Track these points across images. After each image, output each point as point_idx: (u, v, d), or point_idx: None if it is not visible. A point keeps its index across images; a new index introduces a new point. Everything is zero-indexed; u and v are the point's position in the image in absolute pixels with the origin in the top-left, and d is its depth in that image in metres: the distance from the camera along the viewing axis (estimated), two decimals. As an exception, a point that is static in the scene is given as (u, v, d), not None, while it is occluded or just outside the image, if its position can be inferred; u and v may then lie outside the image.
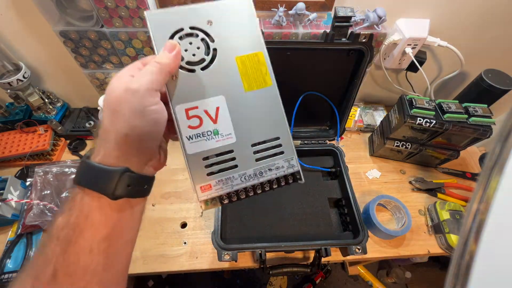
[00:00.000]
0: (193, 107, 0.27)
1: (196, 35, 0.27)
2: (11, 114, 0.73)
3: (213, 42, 0.27)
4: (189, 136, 0.27)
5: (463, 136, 0.62)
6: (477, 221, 0.14)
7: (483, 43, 0.70)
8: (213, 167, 0.28)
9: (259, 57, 0.28)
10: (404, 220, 0.60)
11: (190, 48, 0.26)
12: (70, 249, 0.22)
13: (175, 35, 0.26)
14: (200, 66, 0.27)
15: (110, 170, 0.23)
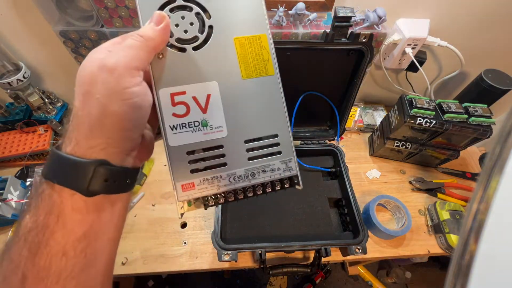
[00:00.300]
0: (180, 92, 0.23)
1: (190, 9, 0.23)
2: (11, 114, 0.72)
3: (210, 18, 0.23)
4: (172, 126, 0.23)
5: (463, 136, 0.62)
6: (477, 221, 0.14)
7: (483, 43, 0.70)
8: (198, 164, 0.24)
9: (262, 40, 0.25)
10: (404, 220, 0.60)
11: (182, 24, 0.23)
12: (40, 253, 0.19)
13: (165, 6, 0.22)
14: (192, 45, 0.23)
15: (83, 162, 0.19)
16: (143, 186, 0.68)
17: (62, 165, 0.20)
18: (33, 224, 0.20)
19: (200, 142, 0.24)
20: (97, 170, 0.19)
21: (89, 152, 0.20)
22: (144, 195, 0.67)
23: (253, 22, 0.24)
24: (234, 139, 0.24)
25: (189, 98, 0.23)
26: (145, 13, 0.22)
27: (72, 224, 0.20)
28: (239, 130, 0.24)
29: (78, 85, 0.20)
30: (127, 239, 0.60)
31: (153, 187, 0.68)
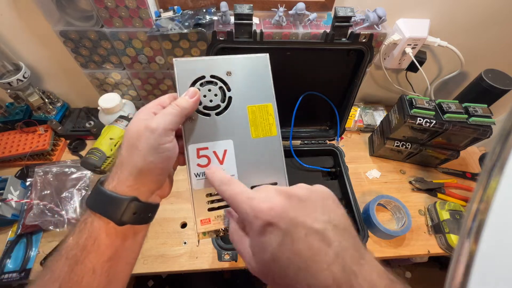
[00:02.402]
0: (204, 148, 0.29)
1: (215, 83, 0.30)
2: (11, 114, 0.73)
3: (230, 91, 0.30)
4: (196, 173, 0.29)
5: (463, 136, 0.62)
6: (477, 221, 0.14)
7: (483, 43, 0.70)
8: (214, 203, 0.30)
9: (269, 108, 0.32)
10: (404, 220, 0.60)
11: (209, 95, 0.29)
12: (76, 269, 0.24)
13: (197, 81, 0.29)
14: (215, 111, 0.30)
15: (119, 198, 0.25)
16: (143, 186, 0.68)
17: (104, 199, 0.25)
18: (75, 245, 0.24)
19: None
20: (129, 205, 0.25)
21: (125, 190, 0.25)
22: (144, 195, 0.67)
23: (263, 94, 0.31)
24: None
25: (211, 152, 0.29)
26: (182, 86, 0.29)
27: (104, 247, 0.25)
28: (247, 178, 0.30)
29: (126, 138, 0.26)
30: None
31: (153, 187, 0.68)
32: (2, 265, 0.55)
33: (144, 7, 0.52)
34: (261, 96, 0.31)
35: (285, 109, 0.62)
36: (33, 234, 0.59)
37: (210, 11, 0.56)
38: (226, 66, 0.30)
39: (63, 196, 0.62)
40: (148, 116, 0.26)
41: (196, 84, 0.29)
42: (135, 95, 0.73)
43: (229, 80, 0.30)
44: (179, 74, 0.29)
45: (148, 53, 0.61)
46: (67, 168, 0.66)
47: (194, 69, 0.29)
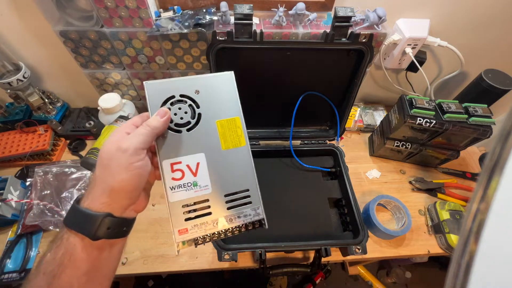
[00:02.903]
0: (177, 162, 0.31)
1: (185, 102, 0.31)
2: (11, 114, 0.73)
3: (199, 108, 0.32)
4: (172, 187, 0.31)
5: (463, 136, 0.62)
6: (477, 221, 0.14)
7: (483, 43, 0.70)
8: (191, 213, 0.31)
9: (236, 121, 0.33)
10: (404, 220, 0.60)
11: (179, 113, 0.31)
12: (54, 284, 0.25)
13: (167, 101, 0.31)
14: (186, 128, 0.32)
15: (93, 214, 0.26)
16: (143, 186, 0.68)
17: (79, 216, 0.26)
18: (52, 261, 0.26)
19: (192, 198, 0.31)
20: (103, 221, 0.26)
21: (99, 207, 0.27)
22: (144, 195, 0.67)
23: (230, 109, 0.33)
24: (217, 194, 0.32)
25: (184, 166, 0.31)
26: (153, 107, 0.31)
27: (80, 262, 0.26)
28: (220, 187, 0.32)
29: (99, 158, 0.27)
30: (127, 239, 0.60)
31: (153, 187, 0.68)
32: (2, 265, 0.55)
33: (144, 7, 0.52)
34: (229, 111, 0.33)
35: (285, 109, 0.62)
36: (33, 234, 0.59)
37: (210, 11, 0.56)
38: (194, 85, 0.32)
39: (63, 196, 0.62)
40: (121, 136, 0.28)
41: (166, 103, 0.31)
42: (135, 95, 0.73)
43: (198, 98, 0.32)
44: (150, 95, 0.30)
45: (148, 53, 0.61)
46: (67, 168, 0.66)
47: (164, 90, 0.31)
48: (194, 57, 0.62)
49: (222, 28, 0.55)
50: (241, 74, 0.56)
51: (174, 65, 0.64)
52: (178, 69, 0.65)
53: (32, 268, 0.56)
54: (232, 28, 0.49)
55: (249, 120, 0.67)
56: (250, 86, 0.59)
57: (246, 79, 0.58)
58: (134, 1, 0.51)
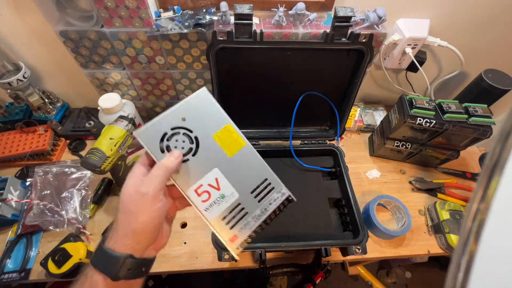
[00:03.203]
0: (199, 186, 0.33)
1: (178, 133, 0.33)
2: (11, 114, 0.73)
3: (192, 132, 0.33)
4: (205, 208, 0.33)
5: (463, 136, 0.62)
6: (477, 221, 0.14)
7: (483, 43, 0.70)
8: (232, 221, 0.34)
9: (229, 128, 0.35)
10: (404, 220, 0.60)
11: (178, 144, 0.33)
12: None
13: (163, 139, 0.32)
14: (191, 154, 0.33)
15: (116, 256, 0.28)
16: (143, 186, 0.68)
17: (103, 256, 0.28)
18: None
19: (226, 208, 0.34)
20: (124, 262, 0.28)
21: (122, 249, 0.28)
22: (144, 195, 0.67)
23: (218, 120, 0.35)
24: (244, 195, 0.35)
25: (206, 186, 0.33)
26: (153, 149, 0.32)
27: None
28: (244, 188, 0.35)
29: (121, 201, 0.29)
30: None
31: (153, 187, 0.68)
32: (2, 265, 0.55)
33: (144, 7, 0.52)
34: (219, 122, 0.35)
35: (285, 109, 0.62)
36: (33, 234, 0.59)
37: (210, 11, 0.56)
38: (179, 115, 0.33)
39: (63, 196, 0.62)
40: (138, 180, 0.30)
41: (163, 141, 0.32)
42: (135, 95, 0.73)
43: (187, 123, 0.33)
44: (145, 142, 0.32)
45: (148, 53, 0.61)
46: (67, 168, 0.66)
47: (155, 131, 0.32)
48: (194, 57, 0.62)
49: (222, 28, 0.55)
50: (241, 74, 0.57)
51: (174, 65, 0.64)
52: (178, 69, 0.65)
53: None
54: (232, 28, 0.49)
55: (249, 120, 0.68)
56: (250, 86, 0.59)
57: (246, 79, 0.58)
58: (134, 1, 0.51)
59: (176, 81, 0.69)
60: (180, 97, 0.74)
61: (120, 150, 0.57)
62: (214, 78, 0.53)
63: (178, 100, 0.75)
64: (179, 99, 0.75)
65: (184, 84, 0.70)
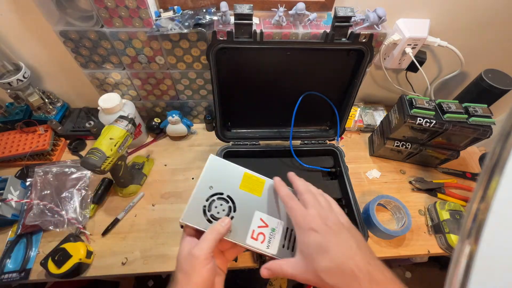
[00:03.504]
0: (252, 232, 0.37)
1: (213, 200, 0.38)
2: (11, 114, 0.73)
3: (223, 194, 0.39)
4: (266, 247, 0.37)
5: (463, 136, 0.62)
6: (477, 221, 0.14)
7: (483, 43, 0.70)
8: (290, 245, 0.38)
9: (247, 175, 0.41)
10: (404, 220, 0.60)
11: (219, 209, 0.38)
12: None
13: (205, 212, 0.37)
14: (232, 211, 0.38)
15: None
16: (143, 186, 0.68)
17: None
18: None
19: (281, 237, 0.38)
20: None
21: None
22: (144, 195, 0.67)
23: (237, 173, 0.41)
24: (286, 218, 0.40)
25: (257, 229, 0.38)
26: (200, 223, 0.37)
27: None
28: (283, 214, 0.40)
29: (178, 263, 0.33)
30: (127, 239, 0.60)
31: (153, 187, 0.69)
32: (2, 265, 0.55)
33: (144, 7, 0.52)
34: (237, 175, 0.41)
35: (285, 109, 0.62)
36: (33, 234, 0.59)
37: (210, 11, 0.56)
38: (204, 186, 0.39)
39: (63, 196, 0.62)
40: (191, 243, 0.34)
41: (206, 214, 0.37)
42: (135, 95, 0.73)
43: (215, 189, 0.39)
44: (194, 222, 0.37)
45: (148, 53, 0.61)
46: (67, 168, 0.66)
47: (195, 210, 0.38)
48: (194, 57, 0.62)
49: (222, 28, 0.55)
50: (241, 74, 0.57)
51: (174, 65, 0.64)
52: (178, 69, 0.65)
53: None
54: (232, 28, 0.49)
55: (249, 120, 0.68)
56: (250, 86, 0.59)
57: (246, 79, 0.58)
58: (134, 1, 0.51)
59: (176, 81, 0.69)
60: (180, 97, 0.74)
61: (120, 150, 0.57)
62: (214, 78, 0.53)
63: (178, 100, 0.75)
64: (179, 99, 0.75)
65: (184, 84, 0.70)
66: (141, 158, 0.72)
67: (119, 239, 0.60)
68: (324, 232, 0.31)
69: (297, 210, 0.34)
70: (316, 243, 0.30)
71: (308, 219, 0.32)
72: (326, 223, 0.32)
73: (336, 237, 0.31)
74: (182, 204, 0.66)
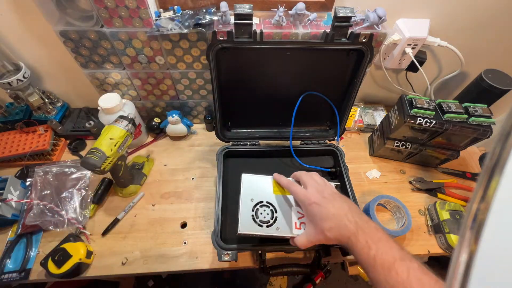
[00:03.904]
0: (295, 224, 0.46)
1: (257, 210, 0.46)
2: (11, 114, 0.73)
3: (263, 201, 0.47)
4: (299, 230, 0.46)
5: (463, 136, 0.62)
6: (477, 221, 0.14)
7: (483, 43, 0.70)
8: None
9: (274, 181, 0.51)
10: (404, 220, 0.60)
11: (264, 214, 0.46)
12: None
13: (255, 220, 0.46)
14: (275, 213, 0.47)
15: None
16: (143, 186, 0.68)
17: None
18: None
19: None
20: None
21: None
22: (144, 195, 0.67)
23: (266, 184, 0.50)
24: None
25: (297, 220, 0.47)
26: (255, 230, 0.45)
27: None
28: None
29: None
30: (127, 239, 0.60)
31: (153, 187, 0.69)
32: (2, 265, 0.55)
33: (144, 7, 0.52)
34: (267, 183, 0.50)
35: (285, 109, 0.62)
36: (33, 234, 0.59)
37: (210, 11, 0.56)
38: (247, 200, 0.47)
39: (63, 196, 0.62)
40: None
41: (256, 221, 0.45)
42: (135, 95, 0.73)
43: (256, 200, 0.48)
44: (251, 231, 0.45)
45: (148, 53, 0.61)
46: (67, 168, 0.66)
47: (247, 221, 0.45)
48: (194, 57, 0.62)
49: (222, 28, 0.55)
50: (241, 74, 0.57)
51: (174, 65, 0.64)
52: (178, 69, 0.65)
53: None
54: (232, 28, 0.49)
55: (249, 120, 0.68)
56: (250, 86, 0.59)
57: (246, 79, 0.58)
58: (134, 1, 0.51)
59: (176, 81, 0.69)
60: (180, 97, 0.74)
61: (120, 150, 0.57)
62: (214, 78, 0.53)
63: (178, 100, 0.75)
64: (179, 99, 0.75)
65: (184, 84, 0.70)
66: (141, 158, 0.72)
67: (119, 239, 0.60)
68: (323, 202, 0.41)
69: (299, 191, 0.44)
70: (319, 212, 0.40)
71: (308, 196, 0.42)
72: (323, 196, 0.42)
73: (332, 204, 0.41)
74: (182, 204, 0.66)
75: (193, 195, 0.67)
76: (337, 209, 0.40)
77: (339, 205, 0.41)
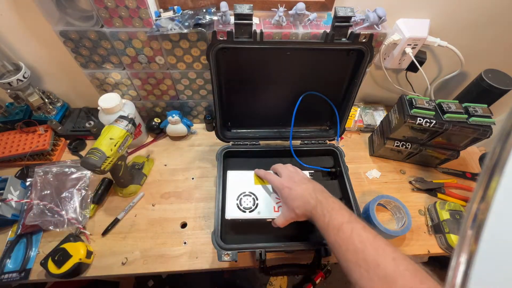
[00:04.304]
0: (274, 208, 0.54)
1: (240, 198, 0.55)
2: (11, 114, 0.73)
3: (245, 192, 0.56)
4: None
5: (463, 136, 0.62)
6: (477, 221, 0.14)
7: (483, 43, 0.70)
8: None
9: (255, 176, 0.59)
10: (404, 220, 0.60)
11: (248, 202, 0.54)
12: None
13: (239, 207, 0.54)
14: (256, 200, 0.55)
15: None
16: (143, 186, 0.68)
17: None
18: None
19: None
20: None
21: None
22: (144, 195, 0.67)
23: (248, 176, 0.59)
24: None
25: (276, 204, 0.55)
26: (240, 214, 0.53)
27: None
28: None
29: None
30: (127, 239, 0.60)
31: (153, 187, 0.69)
32: (2, 265, 0.55)
33: (144, 7, 0.52)
34: (249, 176, 0.59)
35: (285, 109, 0.62)
36: (33, 234, 0.59)
37: (210, 11, 0.56)
38: (232, 191, 0.56)
39: (63, 196, 0.62)
40: None
41: (240, 208, 0.54)
42: (135, 95, 0.73)
43: (240, 190, 0.56)
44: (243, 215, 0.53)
45: (148, 53, 0.61)
46: (67, 168, 0.66)
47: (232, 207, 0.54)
48: (194, 57, 0.62)
49: (222, 28, 0.55)
50: (241, 74, 0.57)
51: (174, 65, 0.64)
52: (178, 69, 0.65)
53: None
54: (232, 28, 0.49)
55: (249, 120, 0.68)
56: (250, 86, 0.59)
57: (246, 79, 0.58)
58: (134, 1, 0.51)
59: (176, 81, 0.69)
60: (180, 97, 0.74)
61: (120, 150, 0.57)
62: (214, 78, 0.53)
63: (178, 100, 0.75)
64: (179, 99, 0.75)
65: (184, 84, 0.70)
66: (141, 158, 0.72)
67: (119, 239, 0.60)
68: (293, 186, 0.48)
69: (275, 179, 0.52)
70: (290, 194, 0.48)
71: (282, 182, 0.50)
72: (294, 181, 0.50)
73: (300, 186, 0.48)
74: (182, 204, 0.66)
75: (193, 195, 0.67)
76: (303, 190, 0.47)
77: (305, 187, 0.48)
